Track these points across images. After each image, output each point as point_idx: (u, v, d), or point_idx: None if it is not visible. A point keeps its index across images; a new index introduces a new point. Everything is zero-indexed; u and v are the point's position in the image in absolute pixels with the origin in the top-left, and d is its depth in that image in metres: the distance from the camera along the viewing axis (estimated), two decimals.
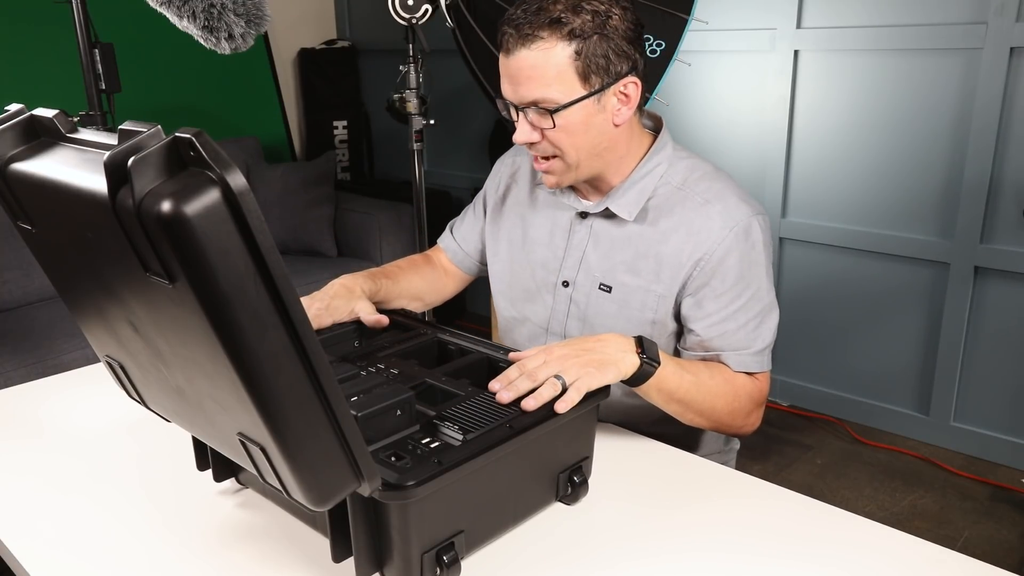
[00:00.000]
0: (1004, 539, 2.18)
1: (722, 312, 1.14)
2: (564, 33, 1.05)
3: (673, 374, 1.05)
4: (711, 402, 1.10)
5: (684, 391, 1.07)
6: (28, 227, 0.75)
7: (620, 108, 1.12)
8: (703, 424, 1.13)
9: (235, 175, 0.54)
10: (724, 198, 1.16)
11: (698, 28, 2.52)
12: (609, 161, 1.17)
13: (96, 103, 2.12)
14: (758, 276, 1.15)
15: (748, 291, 1.15)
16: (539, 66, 1.07)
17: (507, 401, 0.92)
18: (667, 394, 1.06)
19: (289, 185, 3.23)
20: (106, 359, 0.84)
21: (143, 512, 0.99)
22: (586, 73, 1.07)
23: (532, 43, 1.06)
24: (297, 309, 0.59)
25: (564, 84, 1.07)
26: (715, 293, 1.14)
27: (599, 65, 1.08)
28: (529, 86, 1.08)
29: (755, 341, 1.15)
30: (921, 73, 2.44)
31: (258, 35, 1.99)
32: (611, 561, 0.88)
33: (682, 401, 1.08)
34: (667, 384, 1.05)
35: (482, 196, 1.42)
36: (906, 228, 2.57)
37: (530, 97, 1.09)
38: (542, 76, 1.07)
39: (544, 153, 1.14)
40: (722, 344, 1.15)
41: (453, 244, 1.45)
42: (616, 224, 1.21)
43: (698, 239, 1.14)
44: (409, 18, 2.47)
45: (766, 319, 1.16)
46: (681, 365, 1.08)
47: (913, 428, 2.68)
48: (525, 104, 1.10)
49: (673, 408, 1.09)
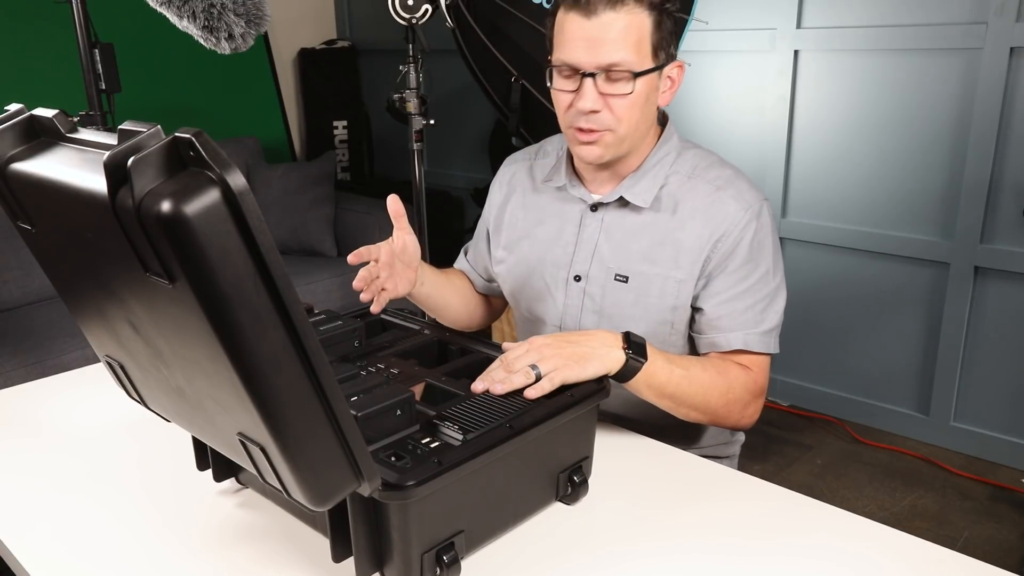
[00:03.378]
0: (1004, 539, 2.18)
1: (730, 291, 1.16)
2: (647, 3, 1.09)
3: (662, 369, 1.06)
4: (704, 395, 1.10)
5: (675, 385, 1.07)
6: (28, 227, 0.75)
7: (665, 91, 1.17)
8: (699, 419, 1.13)
9: (235, 175, 0.54)
10: (735, 183, 1.19)
11: (698, 28, 2.52)
12: (638, 142, 1.19)
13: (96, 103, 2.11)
14: (767, 258, 1.17)
15: (757, 272, 1.16)
16: (627, 28, 1.08)
17: (479, 391, 0.93)
18: (657, 389, 1.06)
19: (289, 185, 3.23)
20: (106, 359, 0.84)
21: (143, 512, 0.99)
22: (658, 45, 1.11)
23: (621, 6, 1.08)
24: (297, 309, 0.58)
25: (642, 52, 1.10)
26: (725, 272, 1.16)
27: (666, 40, 1.12)
28: (613, 47, 1.09)
29: (762, 322, 1.16)
30: (921, 73, 2.44)
31: (258, 35, 1.99)
32: (611, 561, 0.88)
33: (673, 396, 1.08)
34: (656, 379, 1.05)
35: (483, 219, 1.43)
36: (906, 228, 2.57)
37: (611, 59, 1.09)
38: (626, 39, 1.09)
39: (601, 125, 1.14)
40: (730, 323, 1.16)
41: (467, 267, 1.47)
42: (629, 213, 1.22)
43: (715, 223, 1.16)
44: (409, 18, 2.47)
45: (774, 301, 1.18)
46: (671, 360, 1.08)
47: (913, 428, 2.68)
48: (604, 66, 1.10)
49: (665, 404, 1.09)
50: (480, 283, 1.46)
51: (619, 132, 1.14)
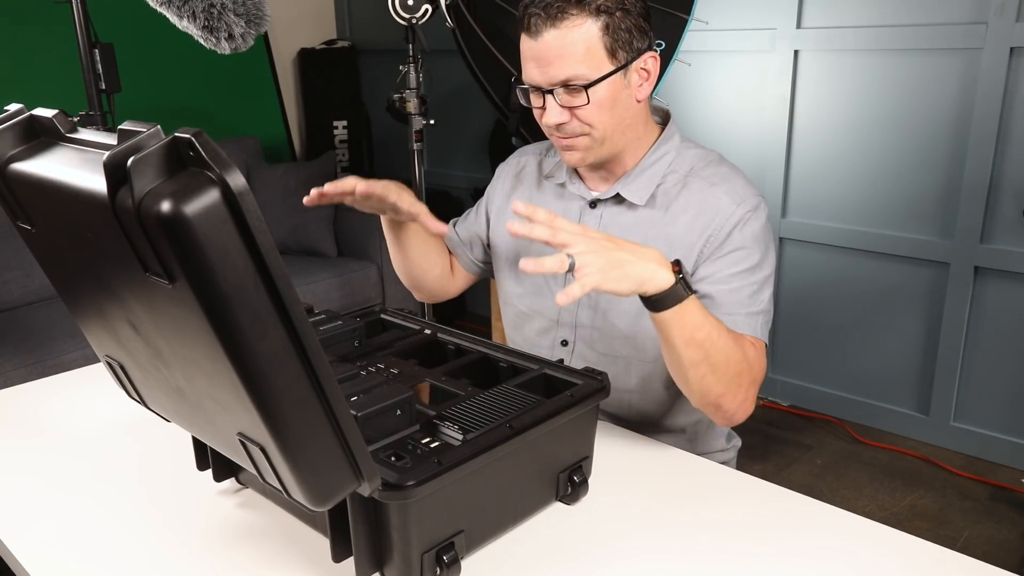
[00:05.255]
0: (1004, 539, 2.18)
1: (719, 274, 1.15)
2: (591, 9, 1.08)
3: (699, 310, 1.00)
4: (727, 355, 1.03)
5: (707, 332, 1.00)
6: (28, 227, 0.75)
7: (642, 84, 1.16)
8: (712, 387, 1.04)
9: (235, 175, 0.54)
10: (730, 180, 1.19)
11: (698, 28, 2.52)
12: (630, 139, 1.20)
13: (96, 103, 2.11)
14: (759, 250, 1.16)
15: (748, 260, 1.15)
16: (570, 43, 1.09)
17: (516, 232, 0.93)
18: (689, 330, 0.99)
19: (289, 185, 3.23)
20: (106, 359, 0.84)
21: (143, 512, 0.99)
22: (613, 48, 1.10)
23: (561, 21, 1.08)
24: (297, 309, 0.58)
25: (594, 60, 1.10)
26: (713, 259, 1.16)
27: (624, 40, 1.11)
28: (560, 64, 1.10)
29: (749, 305, 1.14)
30: (921, 73, 2.44)
31: (258, 35, 1.99)
32: (611, 561, 0.88)
33: (702, 345, 1.00)
34: (692, 317, 0.99)
35: (485, 200, 1.43)
36: (906, 228, 2.57)
37: (562, 76, 1.10)
38: (573, 53, 1.09)
39: (573, 133, 1.15)
40: (717, 302, 1.13)
41: (454, 236, 1.46)
42: (625, 210, 1.22)
43: (707, 217, 1.16)
44: (409, 18, 2.47)
45: (761, 289, 1.16)
46: (705, 308, 1.02)
47: (913, 428, 2.68)
48: (556, 83, 1.11)
49: (690, 353, 1.01)
50: (465, 258, 1.45)
51: (594, 135, 1.15)
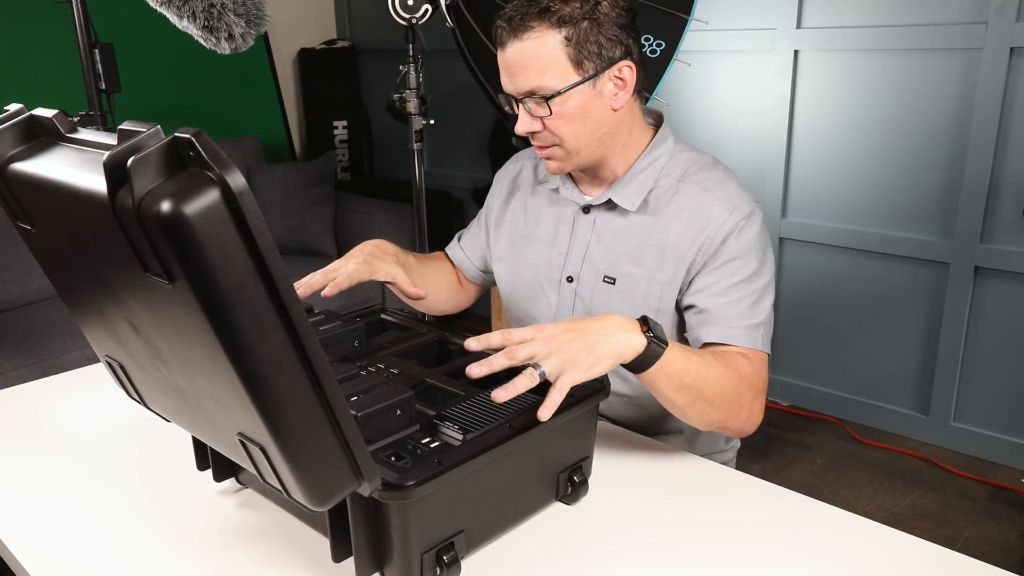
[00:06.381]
0: (1004, 539, 2.17)
1: (717, 286, 1.14)
2: (554, 21, 1.08)
3: (681, 355, 1.00)
4: (720, 386, 1.04)
5: (693, 374, 1.00)
6: (28, 227, 0.75)
7: (617, 93, 1.14)
8: (712, 417, 1.06)
9: (235, 175, 0.54)
10: (724, 185, 1.18)
11: (698, 28, 2.52)
12: (612, 148, 1.19)
13: (96, 103, 2.11)
14: (756, 257, 1.15)
15: (745, 269, 1.14)
16: (532, 55, 1.09)
17: (476, 376, 0.88)
18: (676, 378, 0.99)
19: (289, 185, 3.23)
20: (106, 359, 0.84)
21: (143, 512, 0.99)
22: (579, 59, 1.10)
23: (524, 33, 1.09)
24: (297, 309, 0.58)
25: (558, 71, 1.10)
26: (708, 270, 1.15)
27: (591, 51, 1.10)
28: (525, 76, 1.11)
29: (748, 317, 1.13)
30: (921, 73, 2.44)
31: (258, 35, 1.99)
32: (611, 561, 0.88)
33: (692, 386, 1.01)
34: (676, 366, 0.99)
35: (485, 209, 1.43)
36: (906, 228, 2.57)
37: (526, 87, 1.11)
38: (536, 64, 1.10)
39: (545, 142, 1.17)
40: (714, 317, 1.13)
41: (460, 254, 1.46)
42: (618, 216, 1.22)
43: (699, 225, 1.15)
44: (409, 18, 2.47)
45: (761, 299, 1.15)
46: (685, 348, 1.03)
47: (913, 428, 2.68)
48: (523, 94, 1.13)
49: (683, 397, 1.01)
50: (473, 271, 1.45)
51: (566, 147, 1.15)
